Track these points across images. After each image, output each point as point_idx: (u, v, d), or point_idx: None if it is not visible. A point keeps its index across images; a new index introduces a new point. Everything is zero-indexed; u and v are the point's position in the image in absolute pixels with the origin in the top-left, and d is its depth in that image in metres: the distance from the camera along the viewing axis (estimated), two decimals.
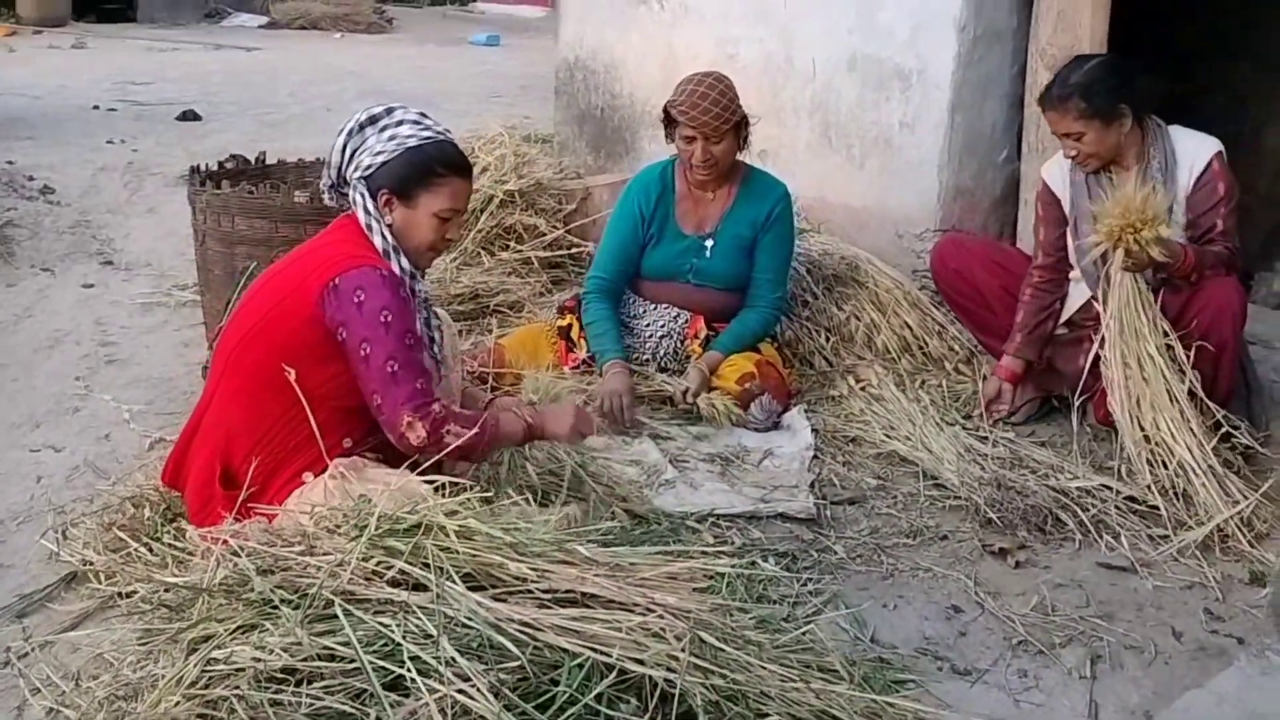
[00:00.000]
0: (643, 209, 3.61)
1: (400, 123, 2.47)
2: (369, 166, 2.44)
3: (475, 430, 2.35)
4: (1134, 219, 2.97)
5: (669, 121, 3.51)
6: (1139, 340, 3.03)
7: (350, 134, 2.47)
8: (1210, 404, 2.99)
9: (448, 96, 8.35)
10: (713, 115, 3.40)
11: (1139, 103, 3.19)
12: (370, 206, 2.44)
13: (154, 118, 7.28)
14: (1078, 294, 3.37)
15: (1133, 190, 3.05)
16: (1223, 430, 2.98)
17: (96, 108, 7.50)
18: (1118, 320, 3.06)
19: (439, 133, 2.50)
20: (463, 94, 8.62)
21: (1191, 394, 2.98)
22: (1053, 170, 3.42)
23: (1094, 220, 3.10)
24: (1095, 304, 3.20)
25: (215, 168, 3.67)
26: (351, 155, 2.48)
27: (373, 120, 2.48)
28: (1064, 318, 3.38)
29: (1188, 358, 2.99)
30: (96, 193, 5.58)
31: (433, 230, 2.48)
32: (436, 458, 2.33)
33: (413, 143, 2.45)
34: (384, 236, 2.44)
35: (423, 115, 2.52)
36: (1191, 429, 2.94)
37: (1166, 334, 3.04)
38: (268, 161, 3.88)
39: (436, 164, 2.46)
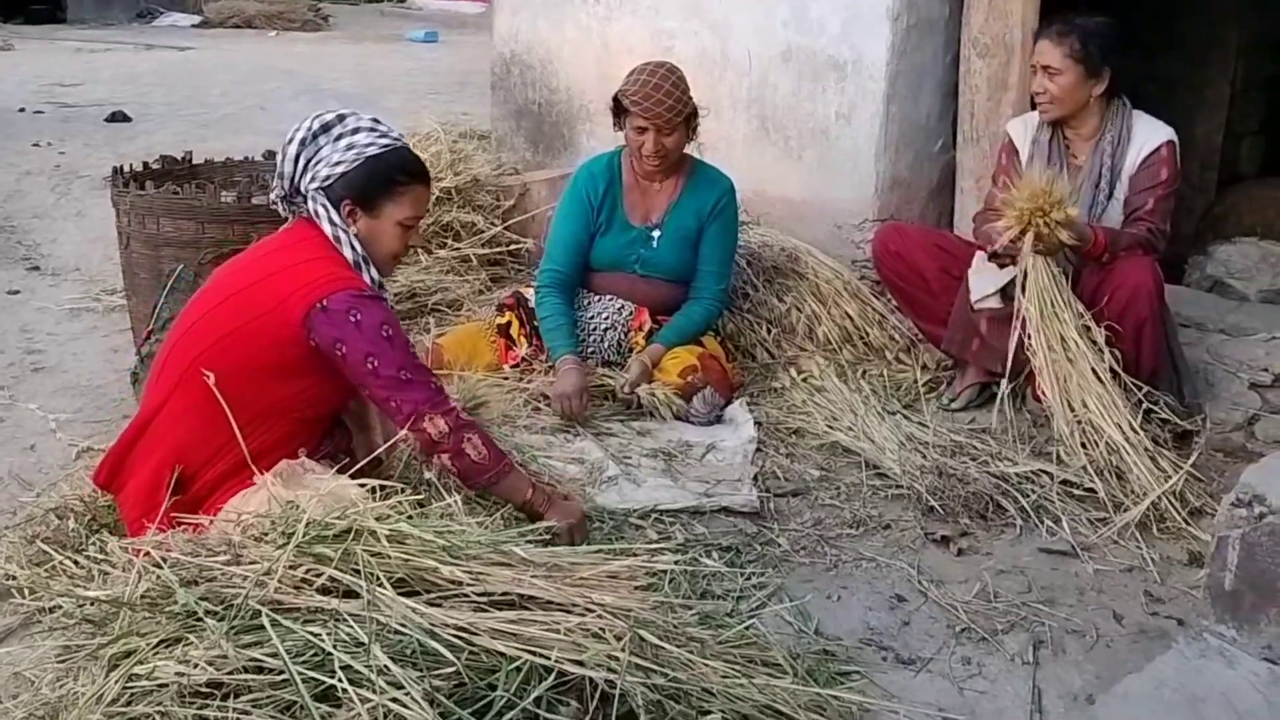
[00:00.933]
0: (591, 198, 3.58)
1: (356, 130, 2.42)
2: (328, 177, 2.39)
3: (491, 456, 2.39)
4: (1041, 202, 3.02)
5: (619, 110, 3.49)
6: (1059, 322, 3.06)
7: (303, 143, 2.41)
8: (1130, 380, 3.03)
9: (385, 93, 8.26)
10: (666, 107, 3.38)
11: (1117, 74, 3.27)
12: (335, 218, 2.40)
13: (82, 119, 7.12)
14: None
15: (1038, 175, 3.12)
16: (1145, 406, 3.02)
17: (23, 110, 7.32)
18: (1036, 304, 3.09)
19: (396, 139, 2.46)
20: (400, 91, 8.53)
21: (1114, 372, 3.02)
22: (1017, 126, 3.49)
23: (1008, 206, 3.12)
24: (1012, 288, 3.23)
25: (140, 168, 3.58)
26: (306, 165, 2.41)
27: (326, 128, 2.41)
28: (999, 285, 3.36)
29: (1105, 336, 3.04)
30: (22, 197, 5.45)
31: (397, 239, 2.46)
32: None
33: (373, 151, 2.40)
34: (354, 248, 2.40)
35: (377, 121, 2.47)
36: (1118, 407, 2.97)
37: (1082, 314, 3.08)
38: (194, 161, 3.79)
39: (399, 172, 2.43)
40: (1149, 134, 3.28)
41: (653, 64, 3.47)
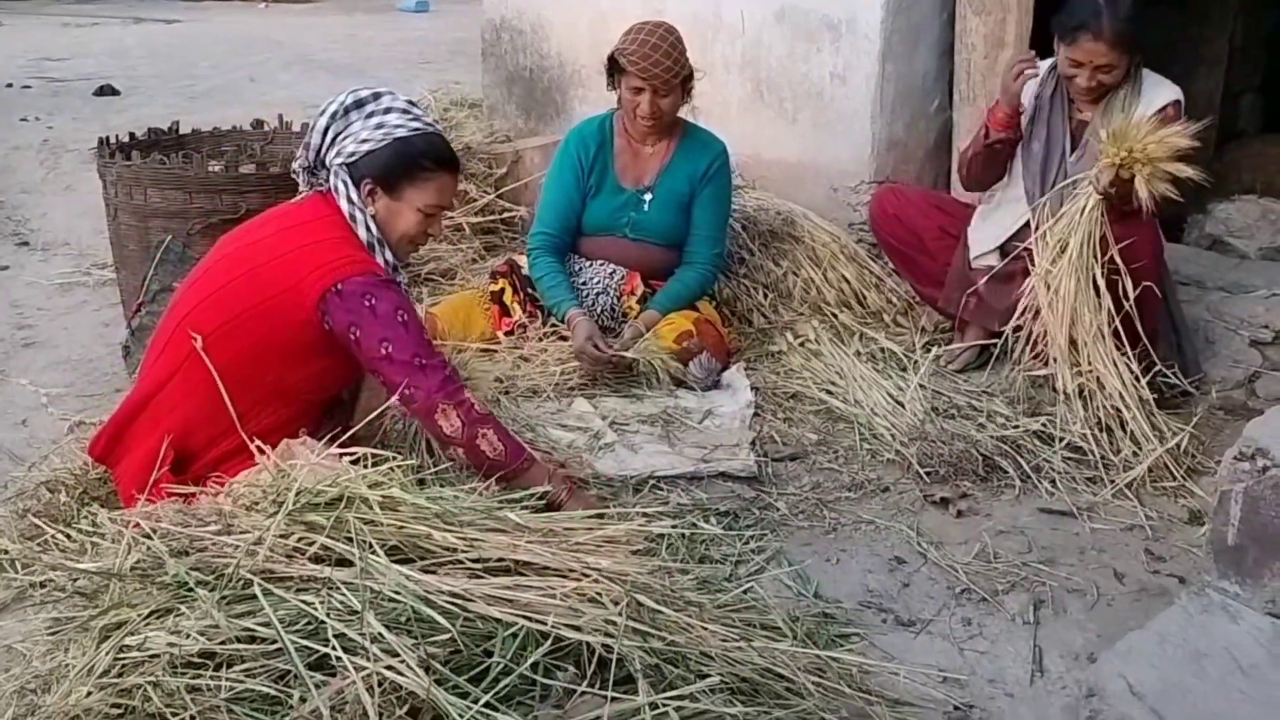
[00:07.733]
0: (582, 160, 3.55)
1: (389, 110, 2.41)
2: (353, 154, 2.38)
3: (509, 452, 2.33)
4: (1160, 151, 2.85)
5: (613, 69, 3.44)
6: (1081, 269, 2.96)
7: (334, 116, 2.40)
8: (1129, 340, 2.98)
9: (377, 64, 8.20)
10: (664, 68, 3.34)
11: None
12: (354, 196, 2.38)
13: (70, 94, 7.07)
14: (1012, 216, 3.33)
15: (1156, 120, 2.94)
16: (1145, 365, 2.98)
17: (10, 85, 7.26)
18: (1070, 245, 2.99)
19: (428, 124, 2.45)
20: (391, 61, 8.46)
21: (1115, 331, 2.97)
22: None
23: (1111, 138, 2.93)
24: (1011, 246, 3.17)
25: (127, 139, 3.54)
26: (334, 140, 2.40)
27: (359, 105, 2.40)
28: (999, 241, 3.33)
29: (1118, 290, 2.97)
30: (10, 172, 5.41)
31: (415, 224, 2.44)
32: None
33: (402, 133, 2.39)
34: (369, 228, 2.38)
35: (411, 104, 2.45)
36: (1123, 363, 2.94)
37: (1105, 265, 2.97)
38: (181, 132, 3.74)
39: (425, 158, 2.41)
40: (1155, 92, 3.21)
41: (651, 23, 3.42)
